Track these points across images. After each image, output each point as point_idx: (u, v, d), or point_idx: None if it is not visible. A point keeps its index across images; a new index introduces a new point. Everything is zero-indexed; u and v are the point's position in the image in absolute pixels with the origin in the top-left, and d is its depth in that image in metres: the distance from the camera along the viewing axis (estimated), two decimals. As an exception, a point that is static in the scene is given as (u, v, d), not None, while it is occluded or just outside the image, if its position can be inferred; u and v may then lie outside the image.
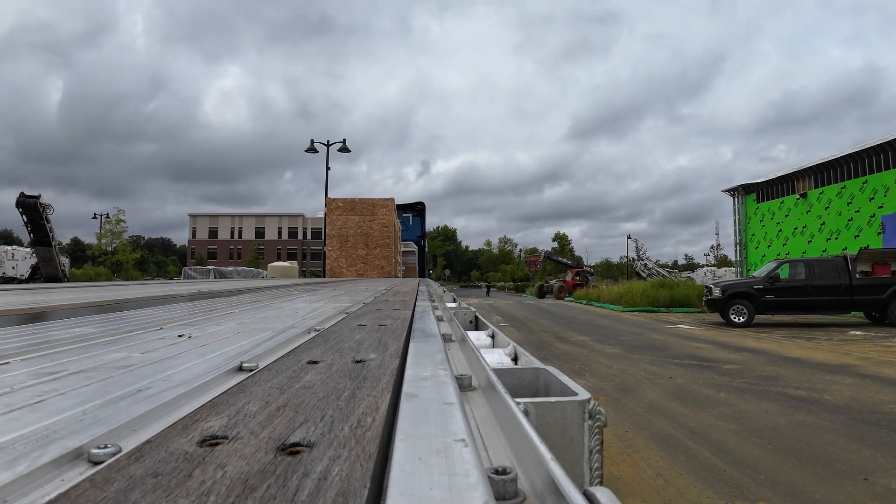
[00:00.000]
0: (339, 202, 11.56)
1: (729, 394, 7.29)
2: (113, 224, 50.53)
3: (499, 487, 0.48)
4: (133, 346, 1.23)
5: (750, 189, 32.82)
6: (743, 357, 10.45)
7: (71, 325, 1.81)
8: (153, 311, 2.35)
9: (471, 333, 1.96)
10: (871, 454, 4.81)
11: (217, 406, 0.69)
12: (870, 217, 24.07)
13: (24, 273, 30.82)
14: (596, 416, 0.99)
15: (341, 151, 23.54)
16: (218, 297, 3.76)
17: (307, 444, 0.53)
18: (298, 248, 75.01)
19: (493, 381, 0.83)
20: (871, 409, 6.33)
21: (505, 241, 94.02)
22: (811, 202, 27.98)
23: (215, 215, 78.88)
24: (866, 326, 16.02)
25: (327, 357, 1.06)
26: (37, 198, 26.15)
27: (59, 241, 29.81)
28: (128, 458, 0.49)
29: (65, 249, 37.73)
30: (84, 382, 0.83)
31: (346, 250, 11.29)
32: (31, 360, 1.03)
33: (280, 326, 1.65)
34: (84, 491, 0.42)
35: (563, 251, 72.17)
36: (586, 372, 9.09)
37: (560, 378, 1.15)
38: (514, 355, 1.60)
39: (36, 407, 0.68)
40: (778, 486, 4.14)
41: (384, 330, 1.52)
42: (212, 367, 0.95)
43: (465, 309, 3.24)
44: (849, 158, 25.78)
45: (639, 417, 6.20)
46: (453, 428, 0.58)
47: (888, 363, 9.58)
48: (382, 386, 0.80)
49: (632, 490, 4.10)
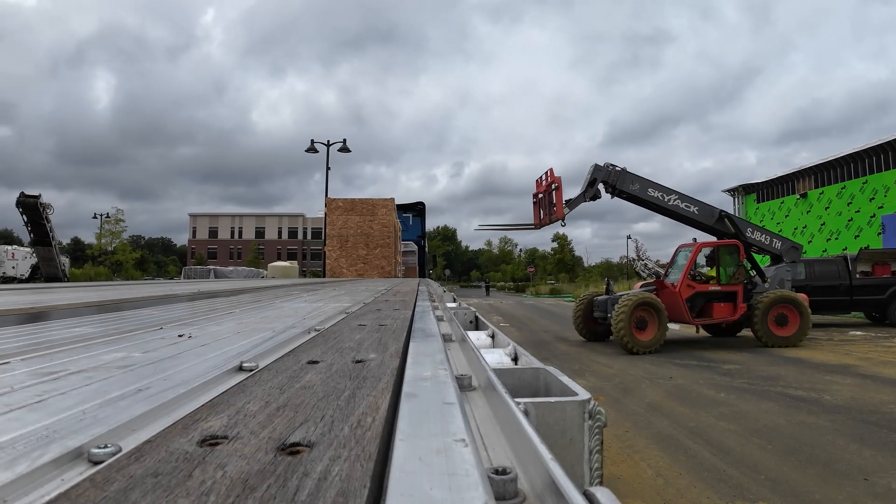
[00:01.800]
0: (339, 202, 11.62)
1: (729, 394, 7.29)
2: (112, 224, 50.58)
3: (499, 487, 0.48)
4: (133, 345, 1.23)
5: (750, 189, 32.81)
6: (743, 357, 10.44)
7: (71, 325, 1.81)
8: (153, 311, 2.35)
9: (471, 333, 1.96)
10: (872, 454, 4.80)
11: (217, 406, 0.69)
12: (870, 217, 24.07)
13: (24, 273, 30.83)
14: (596, 416, 0.99)
15: (341, 151, 23.53)
16: (218, 297, 3.76)
17: (307, 443, 0.53)
18: (298, 248, 75.01)
19: (493, 381, 0.83)
20: (872, 410, 6.32)
21: (505, 241, 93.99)
22: (811, 202, 27.98)
23: (215, 215, 78.88)
24: (866, 326, 16.02)
25: (327, 357, 1.06)
26: (37, 197, 26.16)
27: (59, 240, 29.82)
28: (128, 458, 0.49)
29: (65, 249, 37.73)
30: (84, 382, 0.83)
31: (346, 250, 11.35)
32: (31, 360, 1.03)
33: (280, 326, 1.65)
34: (84, 491, 0.42)
35: (563, 251, 71.92)
36: (586, 372, 9.09)
37: (560, 378, 1.15)
38: (514, 355, 1.60)
39: (36, 407, 0.68)
40: (778, 487, 4.14)
41: (384, 330, 1.52)
42: (212, 367, 0.95)
43: (465, 309, 3.24)
44: (849, 159, 25.79)
45: (639, 417, 6.20)
46: (453, 428, 0.58)
47: (888, 363, 9.57)
48: (382, 386, 0.80)
49: (632, 490, 4.10)
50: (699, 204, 12.85)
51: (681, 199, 12.61)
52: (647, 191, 12.55)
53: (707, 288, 12.12)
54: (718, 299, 12.09)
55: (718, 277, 12.18)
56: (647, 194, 12.55)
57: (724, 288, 12.08)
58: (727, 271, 12.27)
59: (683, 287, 11.93)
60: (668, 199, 12.49)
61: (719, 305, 12.06)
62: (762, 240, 13.16)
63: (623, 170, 12.48)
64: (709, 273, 12.59)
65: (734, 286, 12.05)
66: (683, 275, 12.13)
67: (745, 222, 13.31)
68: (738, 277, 12.14)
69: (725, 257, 12.36)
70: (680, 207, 12.64)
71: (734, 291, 12.04)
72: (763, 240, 13.18)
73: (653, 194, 12.55)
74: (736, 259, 12.27)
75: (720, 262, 12.24)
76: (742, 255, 12.31)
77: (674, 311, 11.86)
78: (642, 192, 12.54)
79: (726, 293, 12.09)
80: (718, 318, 12.22)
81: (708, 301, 12.14)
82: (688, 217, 12.67)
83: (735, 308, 12.00)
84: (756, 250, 13.31)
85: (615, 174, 12.41)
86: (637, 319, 11.19)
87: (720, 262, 12.24)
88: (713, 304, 12.10)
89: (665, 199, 12.49)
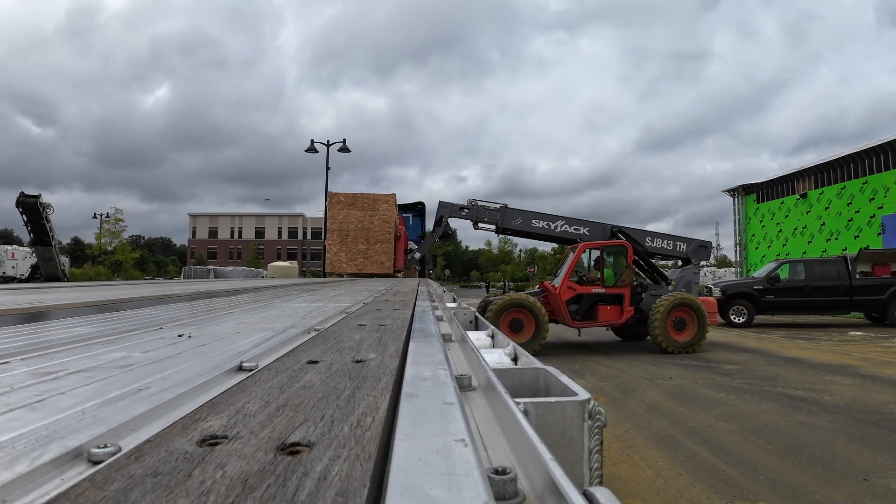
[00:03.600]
0: (340, 196, 11.78)
1: (729, 394, 7.29)
2: (112, 224, 50.59)
3: (499, 487, 0.48)
4: (132, 345, 1.23)
5: (750, 189, 32.81)
6: (743, 357, 10.45)
7: (70, 324, 1.81)
8: (153, 311, 2.35)
9: (471, 333, 1.96)
10: (871, 454, 4.80)
11: (217, 406, 0.68)
12: (870, 218, 24.06)
13: (23, 272, 30.82)
14: (596, 417, 0.99)
15: (341, 151, 23.55)
16: (218, 296, 3.76)
17: (307, 443, 0.53)
18: (298, 248, 75.00)
19: (492, 381, 0.83)
20: (871, 410, 6.33)
21: (505, 242, 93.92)
22: (811, 202, 27.98)
23: (215, 215, 78.85)
24: (866, 327, 16.02)
25: (327, 357, 1.06)
26: (37, 197, 26.15)
27: (58, 240, 29.81)
28: (127, 458, 0.49)
29: (65, 249, 37.74)
30: (83, 382, 0.83)
31: (346, 245, 11.50)
32: (31, 360, 1.03)
33: (280, 326, 1.65)
34: (84, 491, 0.42)
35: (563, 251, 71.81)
36: (586, 372, 9.09)
37: (560, 378, 1.15)
38: (513, 355, 1.60)
39: (35, 406, 0.68)
40: (778, 487, 4.14)
41: (384, 330, 1.52)
42: (211, 367, 0.94)
43: (465, 309, 3.24)
44: (849, 159, 25.78)
45: (638, 417, 6.20)
46: (453, 428, 0.58)
47: (888, 363, 9.58)
48: (382, 386, 0.80)
49: (632, 490, 4.10)
50: (589, 224, 12.99)
51: (568, 223, 12.83)
52: (531, 223, 12.80)
53: (589, 290, 11.62)
54: (604, 302, 11.58)
55: (603, 279, 11.67)
56: (532, 226, 12.81)
57: (608, 290, 11.55)
58: (613, 273, 11.83)
59: (563, 289, 11.53)
60: (555, 227, 12.74)
61: (605, 308, 11.56)
62: (664, 246, 13.06)
63: (504, 206, 12.82)
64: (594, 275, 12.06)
65: (620, 289, 11.54)
66: (564, 276, 11.72)
67: (641, 232, 13.12)
68: (624, 280, 11.62)
69: (610, 259, 11.97)
70: (569, 232, 12.81)
71: (620, 294, 11.53)
72: (665, 246, 13.07)
73: (537, 225, 12.78)
74: (622, 261, 11.78)
75: (604, 263, 11.78)
76: (630, 257, 11.79)
77: (557, 312, 11.63)
78: (526, 226, 12.82)
79: (612, 296, 11.57)
80: (604, 322, 11.75)
81: (593, 303, 11.67)
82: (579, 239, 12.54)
83: (622, 311, 11.55)
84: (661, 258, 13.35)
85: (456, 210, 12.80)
86: (510, 321, 10.88)
87: (604, 264, 11.78)
88: (598, 306, 11.59)
89: (552, 227, 12.75)
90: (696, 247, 13.09)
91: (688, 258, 12.97)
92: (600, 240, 12.32)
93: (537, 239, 13.25)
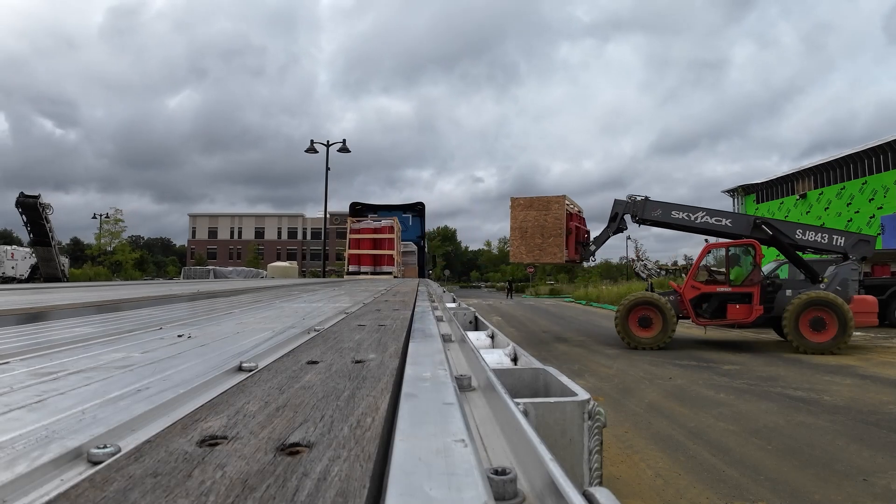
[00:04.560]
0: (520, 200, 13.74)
1: (729, 394, 7.29)
2: (111, 224, 50.57)
3: (498, 488, 0.48)
4: (132, 346, 1.23)
5: (750, 190, 32.81)
6: (742, 357, 10.45)
7: (70, 325, 1.81)
8: (153, 311, 2.35)
9: (470, 334, 1.96)
10: (871, 455, 4.81)
11: (217, 406, 0.68)
12: (869, 218, 24.07)
13: (23, 273, 30.79)
14: (595, 417, 0.99)
15: (341, 152, 23.57)
16: (217, 297, 3.75)
17: (307, 444, 0.53)
18: (298, 248, 74.98)
19: (492, 381, 0.83)
20: (871, 410, 6.33)
21: (505, 242, 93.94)
22: (811, 203, 27.98)
23: (215, 215, 78.85)
24: (866, 327, 16.01)
25: (327, 357, 1.06)
26: (36, 197, 26.11)
27: (58, 240, 29.79)
28: (127, 458, 0.49)
29: (64, 249, 37.70)
30: (83, 382, 0.83)
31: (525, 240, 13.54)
32: (31, 360, 1.03)
33: (280, 327, 1.65)
34: (83, 491, 0.42)
35: None
36: (586, 372, 9.09)
37: (560, 378, 1.15)
38: (513, 356, 1.60)
39: (35, 407, 0.68)
40: (778, 487, 4.14)
41: (384, 330, 1.52)
42: (211, 367, 0.94)
43: (465, 309, 3.24)
44: (848, 159, 25.79)
45: (638, 418, 6.20)
46: (453, 428, 0.58)
47: (888, 364, 9.58)
48: (382, 386, 0.80)
49: (631, 490, 4.10)
50: (731, 216, 12.70)
51: (709, 214, 12.45)
52: (671, 214, 12.55)
53: (714, 289, 11.93)
54: (732, 301, 11.80)
55: (728, 278, 11.88)
56: (671, 217, 12.54)
57: (735, 289, 11.75)
58: (741, 272, 11.91)
59: (688, 288, 12.04)
60: (695, 218, 12.41)
61: (733, 307, 11.77)
62: (818, 240, 12.13)
63: (645, 199, 12.66)
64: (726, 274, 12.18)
65: (748, 287, 11.67)
66: (689, 275, 12.30)
67: (790, 225, 12.57)
68: (752, 279, 11.70)
69: (737, 258, 12.06)
70: (710, 223, 12.36)
71: (749, 293, 11.65)
72: (819, 239, 12.10)
73: (677, 216, 12.50)
74: (751, 260, 11.84)
75: (731, 262, 11.96)
76: (759, 256, 11.78)
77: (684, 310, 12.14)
78: (665, 217, 12.59)
79: (740, 294, 11.73)
80: (732, 320, 11.94)
81: (722, 303, 11.92)
82: (721, 231, 12.36)
83: (751, 310, 11.62)
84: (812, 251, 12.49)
85: (636, 205, 12.65)
86: (640, 318, 11.73)
87: (731, 263, 11.96)
88: (727, 305, 11.84)
89: (692, 219, 12.42)
90: (857, 241, 11.96)
91: (845, 253, 11.86)
92: (743, 232, 12.09)
93: (677, 230, 12.94)
